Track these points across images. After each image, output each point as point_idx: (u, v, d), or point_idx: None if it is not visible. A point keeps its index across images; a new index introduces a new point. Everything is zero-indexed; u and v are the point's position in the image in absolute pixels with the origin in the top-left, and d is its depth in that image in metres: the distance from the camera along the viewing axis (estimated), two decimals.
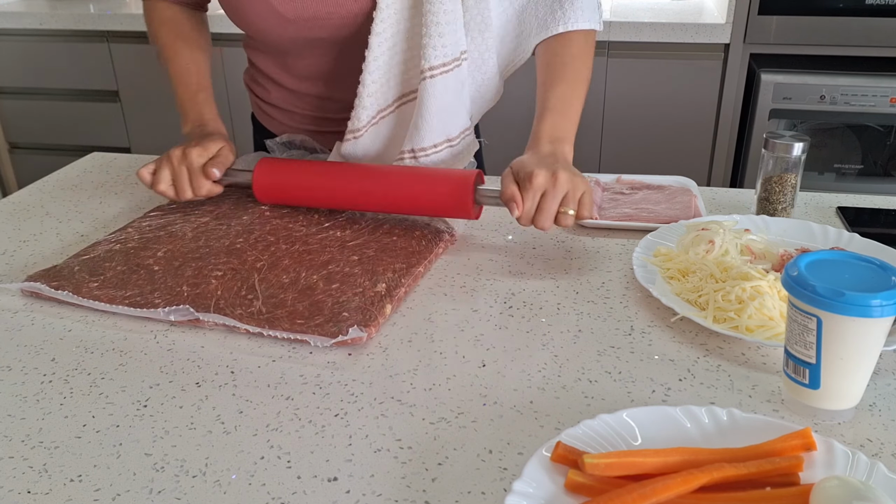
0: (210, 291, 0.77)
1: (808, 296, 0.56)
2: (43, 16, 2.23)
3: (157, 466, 0.56)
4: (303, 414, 0.62)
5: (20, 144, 2.47)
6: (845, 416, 0.60)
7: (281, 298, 0.76)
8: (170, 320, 0.75)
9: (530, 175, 0.81)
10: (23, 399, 0.64)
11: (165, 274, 0.81)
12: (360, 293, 0.76)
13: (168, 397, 0.64)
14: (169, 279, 0.80)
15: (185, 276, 0.81)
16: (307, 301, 0.75)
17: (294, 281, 0.79)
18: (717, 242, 0.81)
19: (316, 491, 0.54)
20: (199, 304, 0.75)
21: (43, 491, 0.54)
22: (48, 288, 0.78)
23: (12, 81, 2.36)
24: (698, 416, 0.56)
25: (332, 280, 0.79)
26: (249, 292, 0.77)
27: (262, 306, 0.75)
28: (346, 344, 0.70)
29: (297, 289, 0.78)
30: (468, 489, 0.54)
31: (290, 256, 0.84)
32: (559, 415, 0.62)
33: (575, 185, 0.81)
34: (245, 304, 0.75)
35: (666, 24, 1.95)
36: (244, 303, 0.76)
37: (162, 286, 0.79)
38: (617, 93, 2.04)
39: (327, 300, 0.75)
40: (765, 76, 1.89)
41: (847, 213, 0.98)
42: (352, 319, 0.71)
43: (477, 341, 0.72)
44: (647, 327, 0.74)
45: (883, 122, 1.91)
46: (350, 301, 0.75)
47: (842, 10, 1.87)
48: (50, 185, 1.10)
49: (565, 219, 0.81)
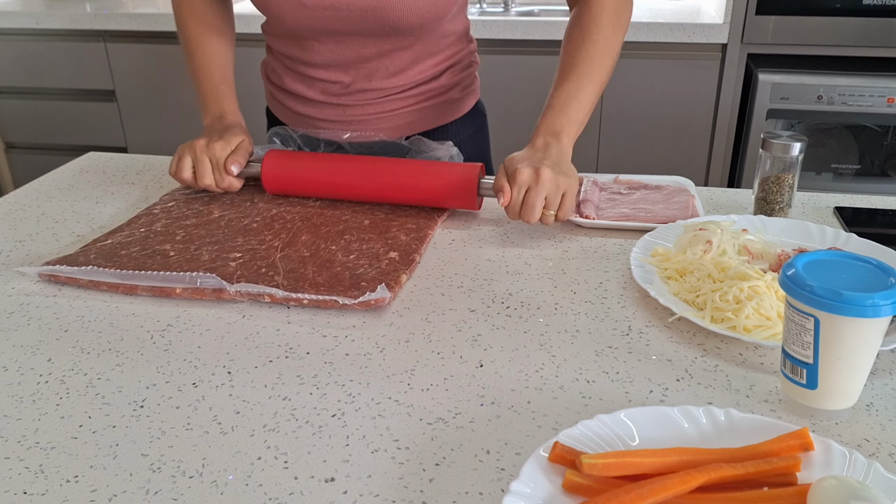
0: (229, 273, 0.80)
1: (805, 296, 0.56)
2: (39, 15, 2.22)
3: (153, 467, 0.56)
4: (300, 414, 0.62)
5: (16, 144, 2.46)
6: (843, 416, 0.60)
7: (301, 273, 0.79)
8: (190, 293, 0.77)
9: (515, 171, 0.86)
10: (19, 399, 0.64)
11: (181, 259, 0.83)
12: (375, 262, 0.82)
13: (164, 398, 0.64)
14: (185, 264, 0.82)
15: (202, 260, 0.83)
16: (326, 274, 0.79)
17: (314, 254, 0.83)
18: (714, 242, 0.81)
19: (313, 491, 0.54)
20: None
21: (39, 492, 0.54)
22: (68, 267, 0.80)
23: (9, 81, 2.36)
24: (696, 417, 0.56)
25: (349, 250, 0.84)
26: (270, 269, 0.81)
27: (283, 280, 0.78)
28: (369, 305, 0.74)
29: (317, 262, 0.82)
30: (466, 489, 0.54)
31: (307, 231, 0.89)
32: (557, 415, 0.61)
33: (557, 185, 0.85)
34: (267, 280, 0.78)
35: (664, 24, 1.95)
36: (265, 279, 0.78)
37: (178, 270, 0.80)
38: (615, 93, 2.04)
39: (345, 273, 0.79)
40: (762, 76, 1.89)
41: (844, 213, 0.98)
42: (370, 287, 0.76)
43: (474, 341, 0.71)
44: (645, 327, 0.74)
45: (880, 122, 1.91)
46: (366, 272, 0.80)
47: (839, 10, 1.87)
48: (46, 185, 1.10)
49: (546, 218, 0.87)
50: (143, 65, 2.26)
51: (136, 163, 1.19)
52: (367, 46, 1.03)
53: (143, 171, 1.15)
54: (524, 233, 0.93)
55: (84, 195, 1.06)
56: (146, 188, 1.08)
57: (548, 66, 2.04)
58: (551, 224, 0.86)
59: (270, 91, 1.18)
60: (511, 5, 2.46)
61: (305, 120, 1.13)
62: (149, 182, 1.11)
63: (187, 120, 2.31)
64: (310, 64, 1.08)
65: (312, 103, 1.11)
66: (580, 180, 0.92)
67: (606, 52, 0.96)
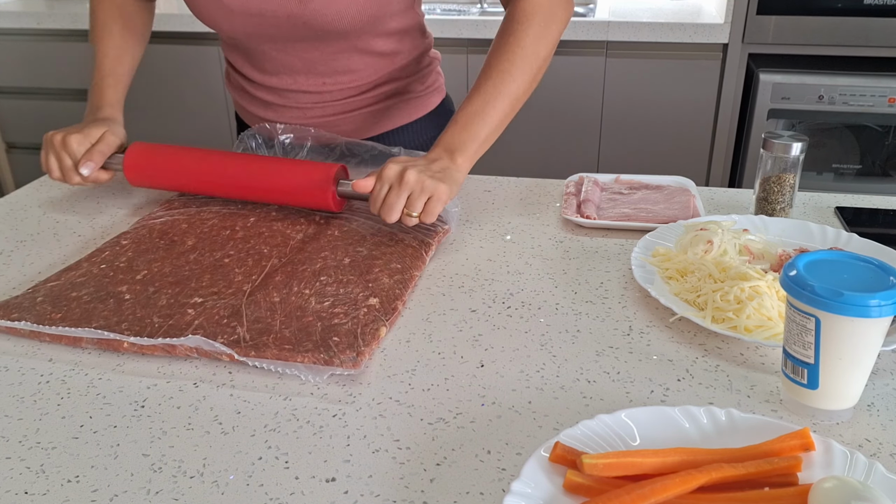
0: (186, 323, 0.71)
1: (806, 296, 0.56)
2: (40, 15, 2.22)
3: (154, 467, 0.56)
4: (301, 414, 0.62)
5: (17, 144, 2.46)
6: (844, 417, 0.60)
7: (268, 324, 0.71)
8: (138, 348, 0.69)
9: (383, 168, 0.84)
10: (20, 399, 0.64)
11: (135, 304, 0.75)
12: (352, 310, 0.73)
13: (165, 398, 0.64)
14: (139, 309, 0.74)
15: (158, 305, 0.74)
16: (295, 325, 0.70)
17: (284, 300, 0.75)
18: (715, 242, 0.81)
19: (314, 491, 0.54)
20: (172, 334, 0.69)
21: (40, 492, 0.54)
22: (5, 321, 0.72)
23: (10, 81, 2.36)
24: (697, 417, 0.56)
25: (324, 294, 0.76)
26: (234, 317, 0.72)
27: (245, 333, 0.69)
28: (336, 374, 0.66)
29: (286, 310, 0.73)
30: (466, 490, 0.54)
31: (282, 270, 0.81)
32: (557, 415, 0.61)
33: (423, 188, 0.82)
34: (227, 332, 0.69)
35: (664, 24, 1.95)
36: (226, 330, 0.70)
37: (130, 317, 0.72)
38: (615, 93, 2.04)
39: (316, 324, 0.70)
40: (763, 76, 1.89)
41: (845, 213, 0.98)
42: (343, 344, 0.67)
43: (475, 341, 0.71)
44: (646, 327, 0.74)
45: (881, 122, 1.91)
46: (341, 324, 0.70)
47: (840, 10, 1.87)
48: (47, 185, 1.10)
49: (408, 220, 0.83)
50: (144, 65, 2.26)
51: None
52: (308, 51, 1.02)
53: None
54: (525, 233, 0.93)
55: (85, 195, 1.06)
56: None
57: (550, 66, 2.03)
58: (412, 225, 0.84)
59: (234, 97, 1.18)
60: None
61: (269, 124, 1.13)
62: None
63: (188, 120, 2.31)
64: (263, 71, 1.08)
65: (273, 107, 1.11)
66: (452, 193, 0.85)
67: (526, 65, 0.90)
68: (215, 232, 0.90)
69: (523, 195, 1.05)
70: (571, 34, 1.98)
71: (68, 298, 0.76)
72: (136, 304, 0.75)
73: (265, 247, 0.87)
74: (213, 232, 0.90)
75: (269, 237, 0.89)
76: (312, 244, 0.87)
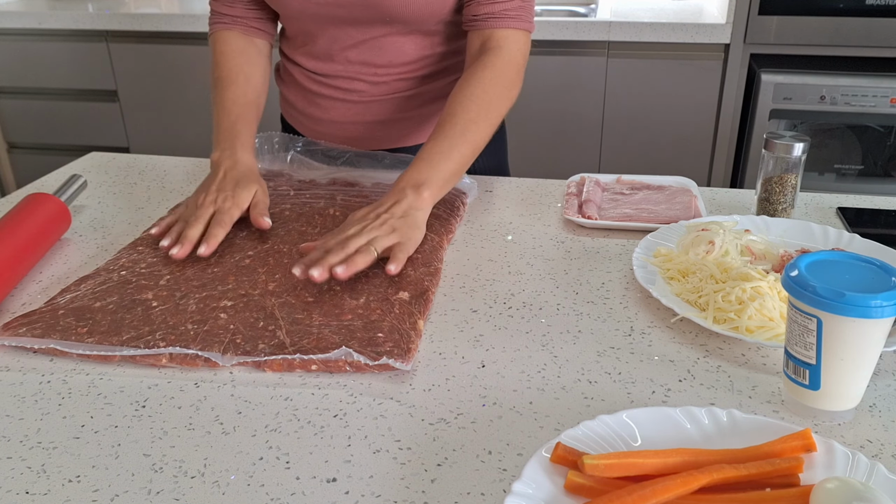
0: (220, 327, 0.70)
1: (808, 296, 0.56)
2: (42, 15, 2.23)
3: (155, 467, 0.56)
4: (301, 415, 0.62)
5: (19, 144, 2.46)
6: (845, 417, 0.60)
7: (306, 325, 0.70)
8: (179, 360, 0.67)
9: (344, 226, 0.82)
10: (21, 399, 0.64)
11: (165, 312, 0.72)
12: (387, 306, 0.72)
13: (167, 398, 0.64)
14: (170, 317, 0.71)
15: (189, 311, 0.72)
16: (335, 324, 0.70)
17: (318, 299, 0.73)
18: (717, 243, 0.81)
19: (315, 492, 0.54)
20: (210, 342, 0.68)
21: (41, 492, 0.54)
22: (32, 339, 0.69)
23: (11, 81, 2.36)
24: (698, 417, 0.56)
25: (356, 291, 0.75)
26: (269, 321, 0.70)
27: (286, 337, 0.68)
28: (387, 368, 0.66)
29: (323, 309, 0.72)
30: (467, 490, 0.54)
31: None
32: (559, 416, 0.61)
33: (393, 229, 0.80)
34: (267, 337, 0.68)
35: (666, 25, 1.95)
36: (264, 335, 0.68)
37: (163, 325, 0.70)
38: (617, 93, 2.04)
39: (356, 322, 0.70)
40: (765, 76, 1.89)
41: (847, 214, 0.98)
42: (388, 341, 0.67)
43: (476, 342, 0.71)
44: (647, 328, 0.74)
45: (883, 123, 1.91)
46: (380, 321, 0.70)
47: (842, 10, 1.87)
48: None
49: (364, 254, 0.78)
50: (146, 65, 2.27)
51: (138, 163, 1.19)
52: (368, 33, 1.04)
53: (145, 172, 1.15)
54: (526, 233, 0.93)
55: (86, 195, 1.06)
56: (148, 188, 1.08)
57: (552, 67, 2.04)
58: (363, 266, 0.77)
59: (283, 93, 1.18)
60: None
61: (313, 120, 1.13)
62: (151, 182, 1.11)
63: (190, 120, 2.31)
64: (316, 57, 1.08)
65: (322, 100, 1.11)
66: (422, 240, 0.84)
67: (490, 117, 0.93)
68: (231, 233, 0.88)
69: (524, 195, 1.05)
70: (573, 34, 1.98)
71: (92, 310, 0.73)
72: (166, 312, 0.72)
73: (284, 245, 0.86)
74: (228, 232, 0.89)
75: (284, 235, 0.89)
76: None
